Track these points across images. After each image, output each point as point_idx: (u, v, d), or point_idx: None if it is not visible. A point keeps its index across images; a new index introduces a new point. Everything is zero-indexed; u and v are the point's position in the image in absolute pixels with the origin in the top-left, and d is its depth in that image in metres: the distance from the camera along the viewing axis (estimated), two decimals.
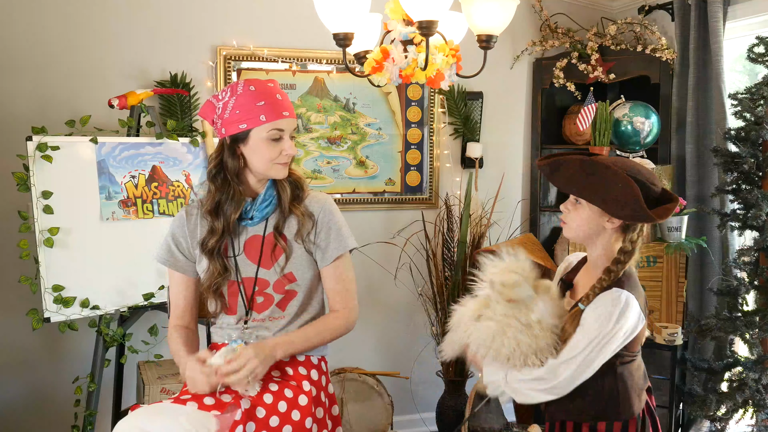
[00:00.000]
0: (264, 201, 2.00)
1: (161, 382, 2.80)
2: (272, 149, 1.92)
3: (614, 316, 1.77)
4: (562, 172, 1.88)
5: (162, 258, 2.06)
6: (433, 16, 2.05)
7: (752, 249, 2.85)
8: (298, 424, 1.87)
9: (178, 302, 2.08)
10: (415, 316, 3.74)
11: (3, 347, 3.15)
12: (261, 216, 2.00)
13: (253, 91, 1.91)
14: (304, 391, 1.93)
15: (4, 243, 3.01)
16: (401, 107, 3.68)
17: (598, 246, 1.89)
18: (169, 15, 3.29)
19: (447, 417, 3.54)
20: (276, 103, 1.91)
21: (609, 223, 1.85)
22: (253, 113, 1.89)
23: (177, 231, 2.04)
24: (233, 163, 1.94)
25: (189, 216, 2.04)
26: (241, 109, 1.90)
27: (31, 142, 2.66)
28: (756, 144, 2.84)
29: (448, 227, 3.61)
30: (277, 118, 1.91)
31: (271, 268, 2.00)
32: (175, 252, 2.04)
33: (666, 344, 2.94)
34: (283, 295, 2.02)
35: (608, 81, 3.59)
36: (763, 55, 2.81)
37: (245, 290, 2.01)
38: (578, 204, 1.87)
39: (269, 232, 2.01)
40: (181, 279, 2.06)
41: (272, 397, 1.87)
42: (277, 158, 1.93)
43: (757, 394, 2.80)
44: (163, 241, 2.06)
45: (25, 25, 3.08)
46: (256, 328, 2.02)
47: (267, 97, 1.91)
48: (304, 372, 2.00)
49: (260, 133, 1.91)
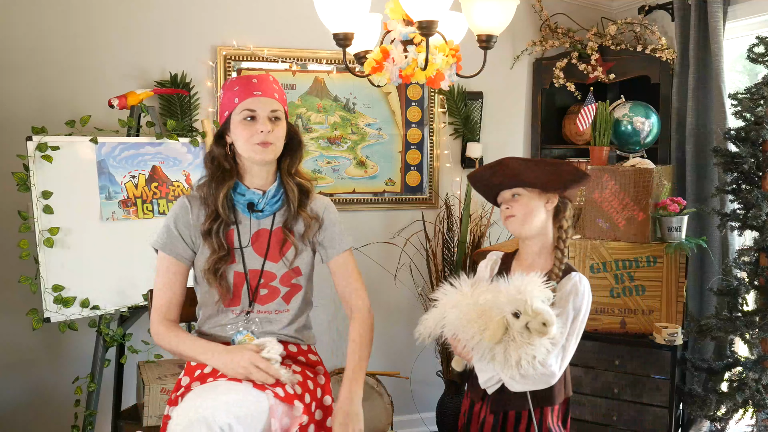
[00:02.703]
0: (274, 196, 2.05)
1: (161, 382, 2.80)
2: (246, 129, 1.97)
3: (586, 296, 1.97)
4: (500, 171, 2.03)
5: (159, 242, 2.03)
6: (433, 16, 2.05)
7: (752, 249, 2.85)
8: (319, 401, 2.01)
9: (164, 293, 2.02)
10: (415, 316, 3.70)
11: (3, 347, 3.15)
12: (271, 210, 2.05)
13: (233, 80, 2.03)
14: (321, 373, 2.10)
15: (4, 243, 3.01)
16: (401, 107, 3.68)
17: (539, 235, 2.04)
18: (169, 15, 3.29)
19: (447, 417, 3.54)
20: (249, 86, 1.99)
21: (549, 204, 2.02)
22: (230, 99, 1.99)
23: (180, 217, 2.04)
24: (219, 150, 2.03)
25: (192, 205, 2.04)
26: (224, 98, 2.01)
27: (31, 142, 2.66)
28: (756, 144, 2.84)
29: (448, 227, 3.61)
30: (247, 97, 1.97)
31: (279, 261, 2.04)
32: (174, 235, 2.02)
33: (666, 344, 2.94)
34: (289, 289, 2.07)
35: (608, 81, 3.59)
36: (763, 55, 2.81)
37: (250, 282, 2.03)
38: (517, 197, 2.02)
39: (277, 227, 2.06)
40: (174, 265, 2.02)
41: (301, 377, 1.99)
42: (251, 137, 1.96)
43: (757, 394, 2.80)
44: (162, 226, 2.05)
45: (25, 25, 3.08)
46: (260, 320, 2.05)
47: (242, 81, 2.00)
48: (314, 358, 2.13)
49: (235, 116, 1.99)
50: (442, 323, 1.95)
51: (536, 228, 2.02)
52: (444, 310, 1.95)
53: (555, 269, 2.00)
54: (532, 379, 1.90)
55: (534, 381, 1.91)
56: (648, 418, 2.99)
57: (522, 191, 2.01)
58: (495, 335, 1.82)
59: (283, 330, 2.07)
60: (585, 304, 1.98)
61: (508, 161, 2.02)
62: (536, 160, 2.06)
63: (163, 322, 2.01)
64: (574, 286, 1.97)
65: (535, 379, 1.90)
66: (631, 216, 3.03)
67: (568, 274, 2.00)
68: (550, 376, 1.92)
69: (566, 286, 1.97)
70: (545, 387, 1.96)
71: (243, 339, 1.99)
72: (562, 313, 1.92)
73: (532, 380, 1.91)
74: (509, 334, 1.83)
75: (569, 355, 1.97)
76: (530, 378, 1.89)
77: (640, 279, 3.04)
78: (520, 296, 1.82)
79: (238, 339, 2.00)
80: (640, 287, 3.05)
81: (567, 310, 1.94)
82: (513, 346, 1.82)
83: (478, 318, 1.86)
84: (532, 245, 2.06)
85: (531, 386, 1.94)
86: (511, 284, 1.87)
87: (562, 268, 2.01)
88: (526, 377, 1.88)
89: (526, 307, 1.80)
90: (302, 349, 2.12)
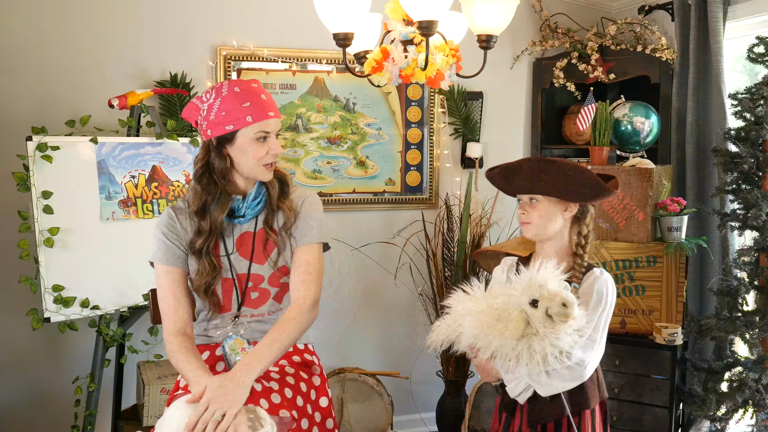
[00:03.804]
0: (255, 198, 2.02)
1: (161, 382, 2.80)
2: (259, 149, 1.94)
3: (609, 287, 1.93)
4: (515, 178, 1.98)
5: (158, 255, 2.00)
6: (433, 16, 2.05)
7: (752, 249, 2.85)
8: (315, 403, 1.99)
9: (171, 303, 1.98)
10: (415, 316, 3.74)
11: (3, 347, 3.15)
12: (253, 213, 2.03)
13: (238, 92, 1.92)
14: (316, 374, 2.07)
15: (4, 243, 3.01)
16: (401, 107, 3.68)
17: (555, 238, 1.99)
18: (170, 15, 3.28)
19: (447, 417, 3.54)
20: (261, 104, 1.93)
21: (567, 213, 1.97)
22: (239, 114, 1.91)
23: (167, 229, 2.01)
24: (220, 164, 1.96)
25: (177, 216, 2.02)
26: (226, 110, 1.91)
27: (31, 142, 2.66)
28: (756, 144, 2.84)
29: (448, 227, 3.61)
30: (263, 119, 1.93)
31: (265, 263, 2.02)
32: (169, 245, 2.00)
33: (666, 344, 2.94)
34: (279, 288, 2.06)
35: (608, 81, 3.59)
36: (763, 55, 2.81)
37: (239, 286, 2.02)
38: (535, 202, 1.97)
39: (260, 228, 2.03)
40: (176, 273, 1.99)
41: (293, 379, 1.97)
42: (263, 158, 1.95)
43: (757, 394, 2.80)
44: (155, 241, 2.01)
45: (25, 25, 3.08)
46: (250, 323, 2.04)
47: (252, 97, 1.92)
48: (309, 357, 2.10)
49: (247, 133, 1.92)
50: (457, 331, 1.85)
51: (552, 233, 1.98)
52: (458, 318, 1.86)
53: (575, 272, 1.95)
54: (561, 376, 1.84)
55: (563, 378, 1.84)
56: (648, 418, 2.99)
57: (540, 197, 1.96)
58: (516, 330, 1.73)
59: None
60: (610, 295, 1.92)
61: (526, 167, 1.96)
62: (558, 164, 1.93)
63: (173, 340, 1.95)
64: (595, 279, 1.93)
65: (564, 375, 1.83)
66: (631, 216, 3.03)
67: (590, 270, 1.97)
68: (581, 369, 1.84)
69: (588, 280, 1.93)
70: (577, 383, 1.87)
71: (233, 344, 1.99)
72: (586, 303, 1.87)
73: (561, 377, 1.84)
74: (531, 328, 1.73)
75: (599, 347, 1.90)
76: (559, 375, 1.83)
77: (640, 279, 3.04)
78: (534, 282, 1.75)
79: (229, 344, 2.00)
80: (640, 287, 3.05)
81: (592, 301, 1.89)
82: (536, 340, 1.73)
83: (497, 322, 1.77)
84: (547, 248, 2.01)
85: (561, 384, 1.86)
86: (522, 277, 1.81)
87: (583, 270, 1.96)
88: (555, 375, 1.83)
89: (542, 292, 1.73)
90: (297, 348, 2.10)
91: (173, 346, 1.94)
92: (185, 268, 2.02)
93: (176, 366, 1.93)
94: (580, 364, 1.84)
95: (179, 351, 1.92)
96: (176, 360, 1.92)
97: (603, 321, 1.91)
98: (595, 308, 1.89)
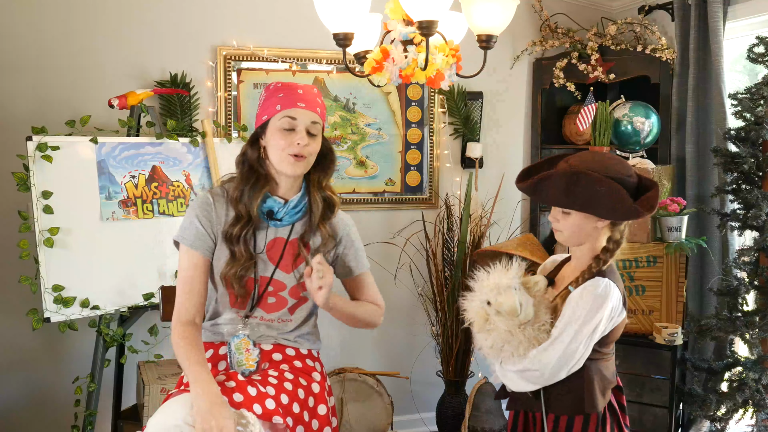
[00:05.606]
0: (296, 207, 2.02)
1: (161, 382, 2.80)
2: (284, 138, 1.94)
3: (597, 300, 1.83)
4: (544, 191, 1.93)
5: (186, 238, 1.98)
6: (433, 16, 2.05)
7: (752, 249, 2.85)
8: (312, 410, 1.97)
9: (186, 290, 1.97)
10: (415, 316, 3.74)
11: (3, 347, 3.15)
12: (290, 220, 2.02)
13: (279, 87, 1.99)
14: (316, 381, 2.04)
15: (4, 243, 3.01)
16: (401, 107, 3.68)
17: (587, 243, 1.95)
18: (169, 15, 3.29)
19: (447, 417, 3.54)
20: (293, 95, 1.96)
21: (600, 223, 1.91)
22: (272, 104, 1.96)
23: (203, 211, 1.99)
24: (252, 153, 2.00)
25: (215, 202, 2.01)
26: (265, 102, 1.99)
27: (31, 142, 2.66)
28: (756, 144, 2.84)
29: (448, 227, 3.61)
30: (290, 107, 1.95)
31: (291, 273, 2.03)
32: (200, 229, 1.98)
33: (666, 344, 2.94)
34: (297, 301, 2.06)
35: (608, 81, 3.59)
36: (763, 55, 2.81)
37: (258, 288, 2.02)
38: (567, 213, 1.92)
39: (293, 238, 2.03)
40: (202, 262, 1.98)
41: (291, 385, 1.95)
42: (287, 147, 1.93)
43: (757, 394, 2.80)
44: (188, 223, 1.99)
45: (25, 25, 3.08)
46: (259, 325, 2.04)
47: (287, 89, 1.98)
48: (311, 363, 2.08)
49: (275, 122, 1.96)
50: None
51: (584, 239, 1.94)
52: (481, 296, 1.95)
53: (584, 273, 1.90)
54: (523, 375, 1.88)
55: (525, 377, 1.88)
56: (648, 418, 2.99)
57: (572, 211, 1.90)
58: (477, 325, 1.92)
59: (283, 335, 2.07)
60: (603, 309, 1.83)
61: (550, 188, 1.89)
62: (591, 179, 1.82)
63: (179, 327, 1.94)
64: (591, 290, 1.85)
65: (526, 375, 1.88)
66: None
67: (595, 278, 1.88)
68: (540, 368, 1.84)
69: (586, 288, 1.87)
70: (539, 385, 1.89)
71: (239, 343, 1.99)
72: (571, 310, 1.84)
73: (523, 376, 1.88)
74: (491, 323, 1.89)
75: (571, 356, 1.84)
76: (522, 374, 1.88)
77: (640, 279, 3.04)
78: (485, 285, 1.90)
79: (235, 342, 2.00)
80: (640, 287, 3.05)
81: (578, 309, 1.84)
82: (495, 335, 1.89)
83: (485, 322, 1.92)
84: (579, 250, 1.97)
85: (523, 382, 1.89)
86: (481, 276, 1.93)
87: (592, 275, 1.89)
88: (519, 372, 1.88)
89: (490, 296, 1.88)
90: (301, 353, 2.08)
91: (178, 334, 1.93)
92: (209, 257, 2.00)
93: (177, 356, 1.93)
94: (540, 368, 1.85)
95: (183, 341, 1.92)
96: (178, 350, 1.92)
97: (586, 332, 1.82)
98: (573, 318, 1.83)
